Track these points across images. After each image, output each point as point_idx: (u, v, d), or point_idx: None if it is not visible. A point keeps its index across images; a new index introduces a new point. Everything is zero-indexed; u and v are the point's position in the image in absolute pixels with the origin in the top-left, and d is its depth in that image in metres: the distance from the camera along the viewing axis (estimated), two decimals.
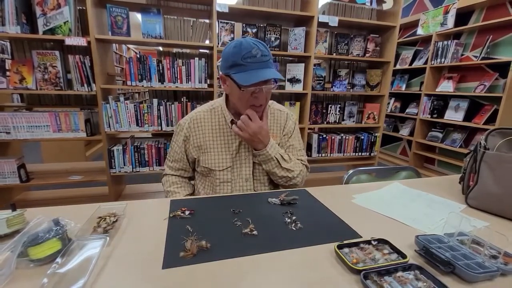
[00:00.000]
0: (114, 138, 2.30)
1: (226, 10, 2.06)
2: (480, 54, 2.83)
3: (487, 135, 0.85)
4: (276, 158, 1.00)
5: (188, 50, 2.33)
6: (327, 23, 2.31)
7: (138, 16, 2.14)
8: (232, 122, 1.02)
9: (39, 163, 2.92)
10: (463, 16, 3.03)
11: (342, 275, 0.54)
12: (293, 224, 0.72)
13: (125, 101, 2.06)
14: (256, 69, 0.87)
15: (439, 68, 3.29)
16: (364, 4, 2.44)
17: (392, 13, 2.50)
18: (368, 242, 0.62)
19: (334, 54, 2.52)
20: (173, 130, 2.15)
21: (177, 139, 1.07)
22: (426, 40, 3.45)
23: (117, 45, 4.97)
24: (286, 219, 0.75)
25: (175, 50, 2.31)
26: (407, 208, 0.85)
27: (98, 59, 1.92)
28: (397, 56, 3.85)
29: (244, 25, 2.26)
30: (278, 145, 1.10)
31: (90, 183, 2.17)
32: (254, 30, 2.28)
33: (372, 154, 2.81)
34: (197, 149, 1.04)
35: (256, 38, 0.93)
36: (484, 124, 2.73)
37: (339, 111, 2.66)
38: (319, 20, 2.28)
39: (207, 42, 2.21)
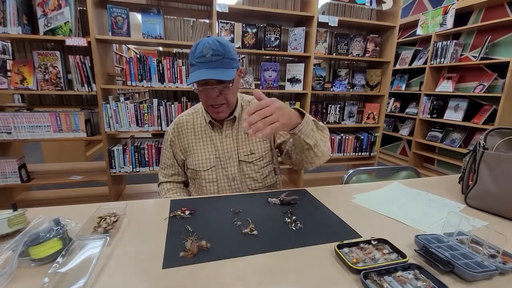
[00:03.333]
0: (114, 138, 2.30)
1: (226, 10, 2.06)
2: (479, 54, 2.83)
3: (486, 135, 0.85)
4: (312, 120, 0.85)
5: (188, 50, 2.33)
6: (327, 23, 2.32)
7: (138, 16, 2.14)
8: (211, 123, 1.04)
9: (40, 163, 2.92)
10: (462, 16, 3.03)
11: (342, 275, 0.54)
12: (293, 224, 0.72)
13: (125, 101, 2.06)
14: (202, 68, 0.87)
15: (438, 68, 3.29)
16: (364, 4, 2.45)
17: (392, 13, 2.51)
18: (368, 242, 0.62)
19: (334, 54, 2.53)
20: None
21: (166, 146, 1.10)
22: (426, 40, 3.45)
23: (117, 45, 4.97)
24: (286, 219, 0.75)
25: (175, 50, 2.31)
26: (406, 207, 0.85)
27: (98, 59, 1.93)
28: (397, 56, 3.85)
29: (244, 25, 2.27)
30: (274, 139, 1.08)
31: (91, 183, 2.18)
32: (254, 30, 2.28)
33: (372, 154, 2.82)
34: (184, 152, 1.06)
35: (221, 38, 0.91)
36: (483, 124, 2.74)
37: (339, 111, 2.67)
38: (319, 20, 2.28)
39: None
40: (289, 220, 0.74)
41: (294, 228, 0.70)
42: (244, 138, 1.06)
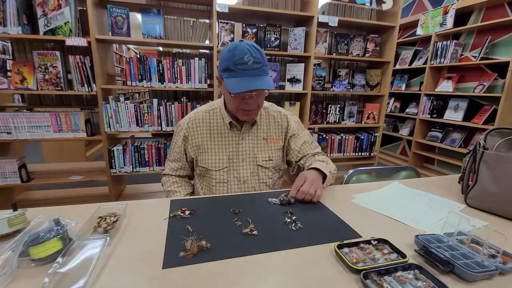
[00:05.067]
0: (114, 138, 2.30)
1: (226, 10, 2.06)
2: (479, 54, 2.83)
3: (486, 135, 0.85)
4: (329, 172, 0.96)
5: (188, 50, 2.33)
6: (327, 23, 2.32)
7: (138, 16, 2.14)
8: (231, 124, 1.03)
9: (40, 163, 2.92)
10: (462, 16, 3.03)
11: (342, 275, 0.54)
12: (293, 224, 0.72)
13: (125, 101, 2.06)
14: (245, 76, 0.87)
15: (438, 68, 3.29)
16: (364, 4, 2.45)
17: (392, 13, 2.51)
18: (368, 242, 0.62)
19: (334, 54, 2.53)
20: (173, 130, 2.17)
21: (177, 139, 1.08)
22: (426, 40, 3.45)
23: (117, 45, 4.97)
24: (286, 219, 0.75)
25: (175, 50, 2.31)
26: (406, 207, 0.85)
27: (99, 60, 1.93)
28: (397, 56, 3.85)
29: (244, 25, 2.27)
30: (283, 148, 1.12)
31: (91, 183, 2.18)
32: (254, 30, 2.28)
33: (372, 154, 2.82)
34: (196, 149, 1.05)
35: (253, 42, 0.91)
36: (483, 124, 2.74)
37: (339, 111, 2.67)
38: (319, 20, 2.28)
39: (207, 42, 2.21)
40: (289, 220, 0.74)
41: (294, 228, 0.70)
42: (263, 144, 1.07)
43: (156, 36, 2.05)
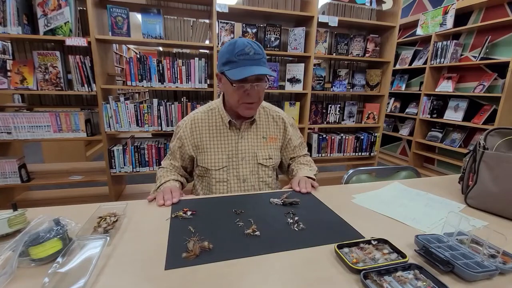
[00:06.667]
0: (114, 138, 2.30)
1: (226, 10, 2.06)
2: (479, 54, 2.83)
3: (486, 135, 0.85)
4: (314, 175, 1.09)
5: (188, 50, 2.33)
6: (327, 23, 2.32)
7: (138, 16, 2.14)
8: (230, 123, 1.04)
9: (40, 163, 2.92)
10: (462, 16, 3.03)
11: (342, 275, 0.54)
12: (296, 225, 0.72)
13: (125, 101, 2.06)
14: (248, 65, 0.90)
15: (438, 68, 3.29)
16: (364, 4, 2.45)
17: (392, 13, 2.51)
18: (368, 242, 0.62)
19: (334, 54, 2.53)
20: (173, 130, 2.17)
21: (176, 140, 1.09)
22: (426, 40, 3.45)
23: (117, 45, 4.97)
24: (289, 219, 0.75)
25: (175, 50, 2.31)
26: (406, 207, 0.85)
27: (99, 60, 1.93)
28: (397, 56, 3.85)
29: (244, 25, 2.27)
30: (281, 148, 1.15)
31: (91, 183, 2.18)
32: (254, 30, 2.28)
33: (372, 154, 2.82)
34: (195, 149, 1.06)
35: (253, 39, 0.94)
36: (483, 124, 2.74)
37: (339, 111, 2.67)
38: (319, 20, 2.28)
39: (207, 42, 2.21)
40: (291, 220, 0.74)
41: (297, 229, 0.70)
42: (262, 143, 1.08)
43: (156, 36, 2.05)
